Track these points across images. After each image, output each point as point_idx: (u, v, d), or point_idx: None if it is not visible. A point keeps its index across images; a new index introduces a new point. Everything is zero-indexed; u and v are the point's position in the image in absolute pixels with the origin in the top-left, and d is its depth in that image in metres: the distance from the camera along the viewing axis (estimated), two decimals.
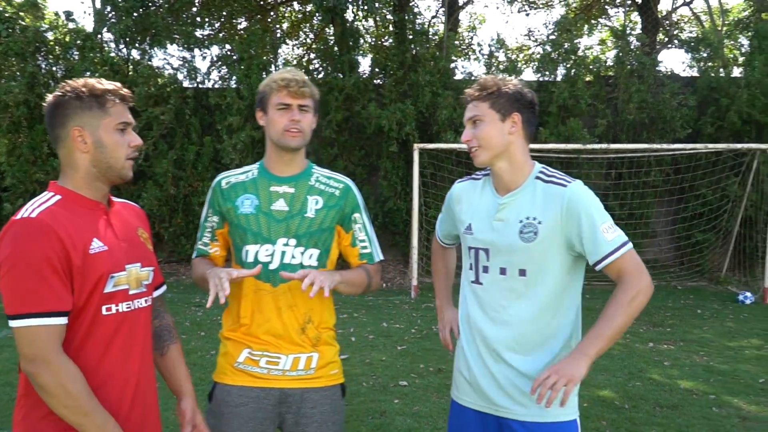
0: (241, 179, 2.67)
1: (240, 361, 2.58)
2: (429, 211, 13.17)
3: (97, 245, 2.07)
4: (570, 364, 2.33)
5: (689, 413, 5.62)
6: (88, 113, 2.10)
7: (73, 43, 14.19)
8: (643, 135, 13.47)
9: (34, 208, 2.04)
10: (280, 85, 2.54)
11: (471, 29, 22.48)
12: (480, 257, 2.54)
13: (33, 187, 13.53)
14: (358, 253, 2.74)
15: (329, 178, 2.72)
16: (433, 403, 5.83)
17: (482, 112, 2.45)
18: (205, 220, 2.70)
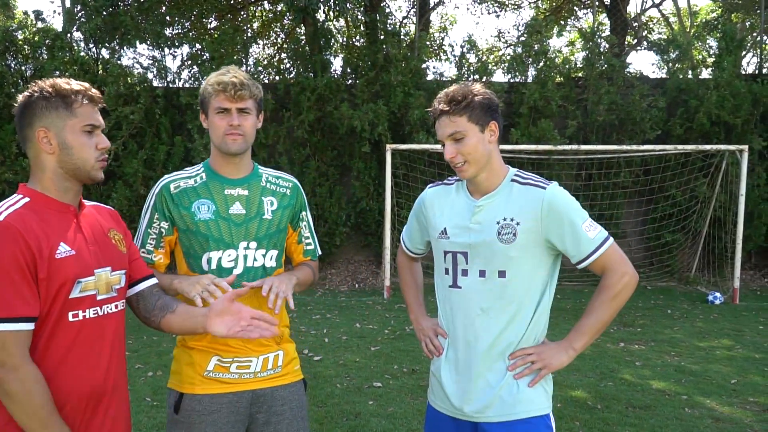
0: (190, 184, 2.58)
1: (210, 369, 2.54)
2: (401, 211, 13.18)
3: (64, 249, 2.04)
4: (555, 351, 2.45)
5: (662, 414, 5.68)
6: (54, 113, 2.07)
7: (43, 42, 13.99)
8: (613, 136, 13.60)
9: (1, 211, 2.01)
10: (216, 89, 2.50)
11: (442, 30, 22.57)
12: (458, 261, 2.54)
13: (2, 188, 13.33)
14: (303, 249, 2.80)
15: (278, 178, 2.73)
16: (407, 404, 5.82)
17: (462, 126, 2.43)
18: (149, 226, 2.57)
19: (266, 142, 13.64)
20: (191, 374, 2.55)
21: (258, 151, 13.62)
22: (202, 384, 2.53)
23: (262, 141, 13.55)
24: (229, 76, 2.49)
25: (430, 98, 13.43)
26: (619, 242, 13.43)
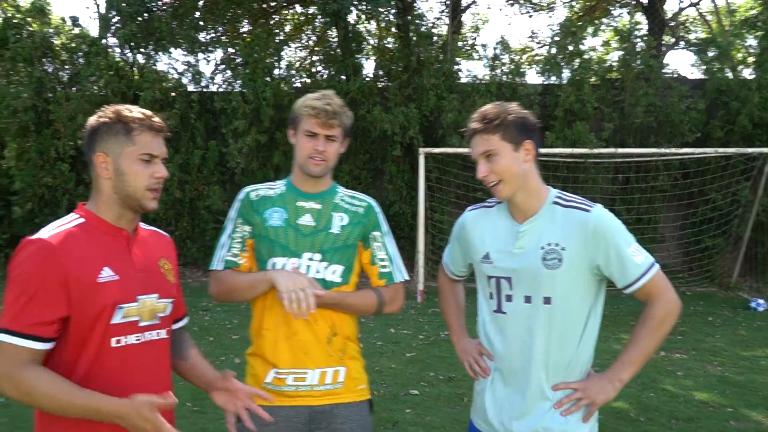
0: (269, 194, 2.70)
1: (268, 381, 2.58)
2: (434, 215, 13.12)
3: (108, 274, 2.03)
4: (600, 385, 2.37)
5: (706, 426, 5.54)
6: (113, 139, 2.09)
7: (79, 48, 14.23)
8: (651, 139, 13.39)
9: (53, 229, 2.04)
10: (309, 113, 2.58)
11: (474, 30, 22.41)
12: (502, 286, 2.48)
13: (41, 191, 13.60)
14: (377, 272, 2.74)
15: (353, 197, 2.77)
16: (445, 414, 5.76)
17: (495, 145, 2.38)
18: (234, 231, 2.68)
19: None
20: (252, 385, 2.58)
21: (291, 155, 13.60)
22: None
23: None
24: (323, 102, 2.58)
25: (464, 101, 13.38)
26: (658, 247, 13.35)
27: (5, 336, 1.91)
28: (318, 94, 2.65)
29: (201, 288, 12.65)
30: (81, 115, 13.36)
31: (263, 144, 13.69)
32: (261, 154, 13.79)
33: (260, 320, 2.61)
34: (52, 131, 13.76)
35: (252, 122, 13.59)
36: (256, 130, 13.52)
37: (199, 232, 13.95)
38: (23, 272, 1.94)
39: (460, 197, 13.26)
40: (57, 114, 13.60)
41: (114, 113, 2.10)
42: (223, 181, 14.15)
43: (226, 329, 8.89)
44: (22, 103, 13.53)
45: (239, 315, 9.92)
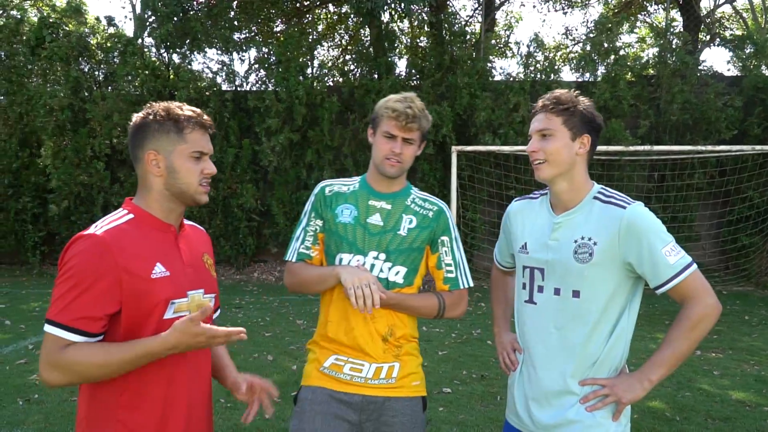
0: (343, 190, 2.75)
1: (326, 365, 2.66)
2: (467, 213, 13.09)
3: (160, 270, 2.06)
4: (628, 384, 2.35)
5: (743, 426, 5.46)
6: (165, 138, 2.11)
7: (115, 47, 14.43)
8: (687, 136, 13.22)
9: (104, 224, 2.06)
10: (390, 115, 2.60)
11: (508, 28, 22.29)
12: (535, 276, 2.49)
13: (77, 189, 13.82)
14: (442, 276, 2.76)
15: (424, 200, 2.78)
16: (478, 412, 5.75)
17: (554, 126, 2.40)
18: (308, 225, 2.75)
19: (332, 144, 13.73)
20: (310, 369, 2.70)
21: (324, 153, 13.73)
22: (318, 378, 2.66)
23: (328, 143, 13.65)
24: (404, 105, 2.59)
25: (497, 100, 13.32)
26: (693, 245, 13.19)
27: (52, 327, 1.94)
28: (400, 96, 2.65)
29: (234, 285, 12.79)
30: (116, 114, 13.58)
31: (296, 142, 13.78)
32: (294, 152, 13.88)
33: (326, 312, 2.68)
34: (88, 130, 14.00)
35: (285, 121, 13.68)
36: (289, 128, 13.61)
37: (233, 230, 14.08)
38: (76, 266, 1.96)
39: (493, 195, 13.22)
40: (93, 113, 13.84)
41: (165, 111, 2.12)
42: (256, 179, 14.26)
43: (259, 326, 8.96)
44: (58, 102, 13.79)
45: (271, 313, 10.00)
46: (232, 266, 14.41)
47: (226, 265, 14.38)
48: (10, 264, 15.10)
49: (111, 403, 2.03)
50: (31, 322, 9.11)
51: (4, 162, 14.25)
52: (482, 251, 13.55)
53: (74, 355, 1.92)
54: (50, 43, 14.04)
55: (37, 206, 14.35)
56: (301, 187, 14.03)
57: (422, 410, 2.72)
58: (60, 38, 14.25)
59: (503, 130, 13.05)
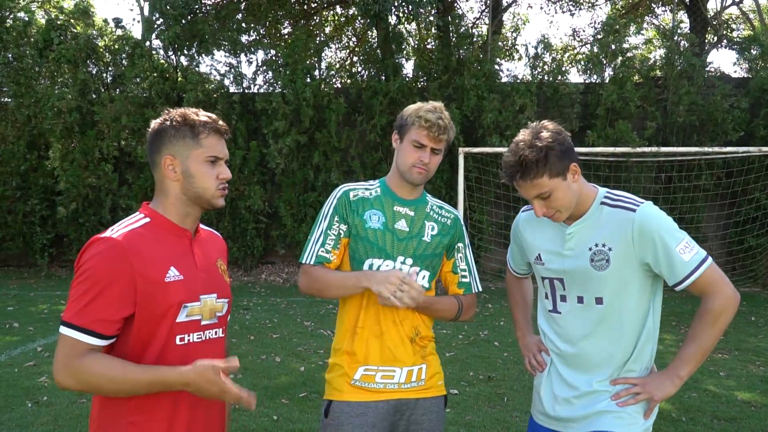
0: (366, 195, 2.75)
1: (357, 378, 2.67)
2: (474, 215, 13.12)
3: (174, 274, 2.09)
4: (659, 381, 2.38)
5: (749, 426, 5.47)
6: (181, 143, 2.14)
7: (123, 49, 14.49)
8: (694, 138, 13.22)
9: (121, 228, 2.09)
10: (422, 125, 2.62)
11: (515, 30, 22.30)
12: (556, 286, 2.53)
13: (85, 191, 13.87)
14: (457, 280, 2.85)
15: (441, 208, 2.85)
16: (485, 413, 5.77)
17: (547, 186, 2.33)
18: (329, 228, 2.71)
19: (339, 146, 13.78)
20: (340, 383, 2.69)
21: (331, 155, 13.77)
22: (350, 392, 2.67)
23: (335, 145, 13.70)
24: (436, 116, 2.61)
25: (504, 101, 13.34)
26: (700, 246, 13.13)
27: (67, 329, 1.98)
28: (430, 105, 2.68)
29: (242, 287, 12.84)
30: (125, 117, 13.65)
31: (303, 144, 13.82)
32: (301, 154, 13.93)
33: (355, 319, 2.68)
34: (96, 132, 14.06)
35: (292, 123, 13.73)
36: (297, 130, 13.66)
37: (240, 232, 14.13)
38: (92, 269, 2.00)
39: (500, 197, 13.25)
40: (101, 115, 13.90)
41: (181, 117, 2.16)
42: (264, 181, 14.31)
43: (267, 328, 9.00)
44: (66, 104, 13.85)
45: (279, 314, 10.04)
46: (239, 268, 14.47)
47: (234, 267, 14.44)
48: (19, 266, 15.18)
49: (122, 406, 2.06)
50: (39, 324, 9.15)
51: (13, 164, 14.30)
52: (490, 252, 13.58)
53: (92, 365, 1.95)
54: (58, 45, 14.12)
55: (46, 208, 14.41)
56: (309, 188, 14.07)
57: (444, 407, 2.82)
58: (68, 40, 14.32)
59: (510, 132, 13.08)
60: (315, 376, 6.69)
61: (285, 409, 5.80)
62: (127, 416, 2.06)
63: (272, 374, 6.81)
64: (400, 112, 2.79)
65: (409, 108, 2.72)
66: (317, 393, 6.10)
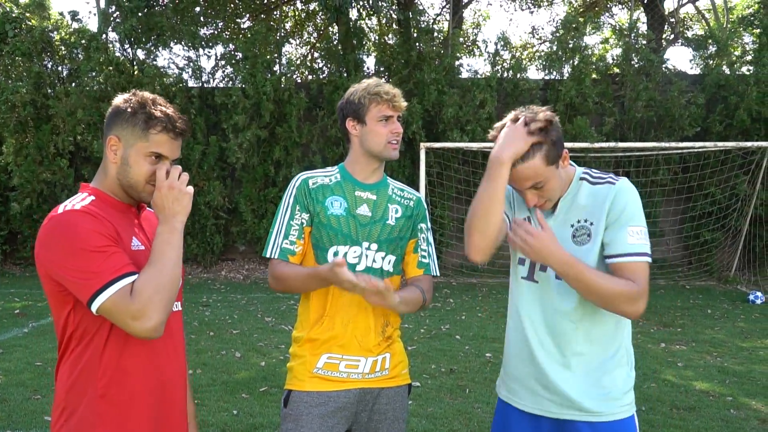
0: (326, 182, 2.70)
1: (319, 366, 2.61)
2: (435, 210, 13.13)
3: (136, 244, 2.08)
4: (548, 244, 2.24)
5: (707, 415, 5.56)
6: (130, 130, 2.08)
7: (79, 43, 14.19)
8: (651, 133, 13.43)
9: (73, 204, 2.02)
10: (384, 98, 2.60)
11: (475, 26, 22.43)
12: None
13: (40, 187, 13.58)
14: (417, 260, 2.79)
15: (402, 190, 2.83)
16: (447, 404, 5.77)
17: (543, 174, 2.30)
18: (291, 218, 2.64)
19: (300, 141, 13.69)
20: (301, 371, 2.63)
21: (292, 150, 13.67)
22: (311, 381, 2.61)
23: (296, 140, 13.61)
24: (387, 86, 2.63)
25: (464, 96, 13.38)
26: (657, 241, 13.39)
27: (112, 288, 1.89)
28: (373, 80, 2.67)
29: (201, 284, 12.67)
30: (80, 111, 13.38)
31: (264, 139, 13.70)
32: (261, 149, 13.81)
33: (322, 308, 2.62)
34: (51, 127, 13.76)
35: (252, 117, 13.60)
36: (257, 125, 13.53)
37: (200, 228, 13.95)
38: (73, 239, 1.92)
39: (461, 192, 13.29)
40: (56, 109, 13.60)
41: (140, 104, 2.08)
42: (224, 176, 14.16)
43: (227, 324, 8.89)
44: (20, 98, 13.55)
45: (239, 310, 9.93)
46: (199, 264, 14.28)
47: (194, 264, 14.25)
48: None
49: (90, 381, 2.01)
50: None
51: None
52: (451, 248, 13.60)
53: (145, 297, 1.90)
54: (12, 38, 13.75)
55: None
56: (269, 184, 13.95)
57: (407, 396, 2.79)
58: (23, 33, 13.95)
59: (470, 127, 13.13)
60: (276, 371, 6.62)
61: (245, 403, 5.73)
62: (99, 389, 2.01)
63: (232, 369, 6.72)
64: (341, 102, 2.71)
65: (353, 92, 2.66)
66: (278, 387, 6.03)
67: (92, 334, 2.01)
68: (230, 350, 7.45)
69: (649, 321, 9.26)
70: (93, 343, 2.01)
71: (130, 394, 2.04)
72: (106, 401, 2.02)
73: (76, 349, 2.03)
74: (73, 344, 2.04)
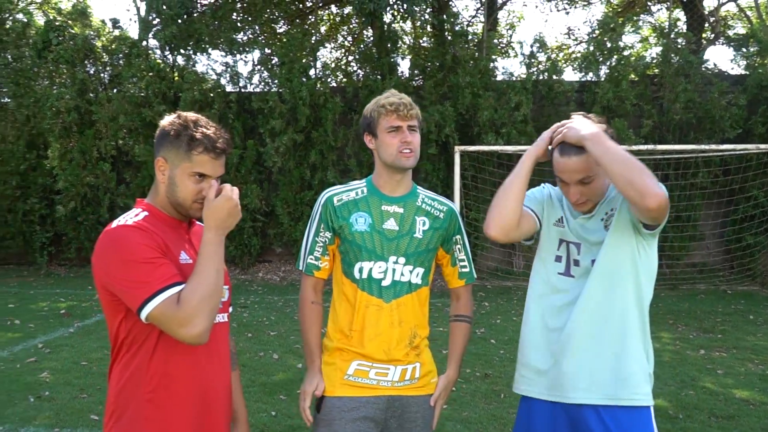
0: (351, 197, 2.75)
1: (350, 373, 2.67)
2: (470, 213, 13.10)
3: (185, 258, 2.18)
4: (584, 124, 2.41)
5: (746, 424, 5.47)
6: (174, 151, 2.17)
7: (120, 50, 14.49)
8: (691, 135, 13.21)
9: (126, 219, 2.14)
10: (389, 109, 2.64)
11: (510, 27, 22.31)
12: (571, 251, 2.57)
13: (84, 190, 13.90)
14: (457, 272, 2.87)
15: (434, 200, 2.83)
16: (482, 410, 5.77)
17: (594, 170, 2.41)
18: (316, 235, 2.74)
19: (335, 145, 13.77)
20: (332, 378, 2.69)
21: (327, 154, 13.76)
22: (342, 387, 2.67)
23: (331, 144, 13.69)
24: (396, 97, 2.66)
25: (499, 99, 13.32)
26: (697, 244, 13.21)
27: (159, 297, 1.98)
28: (386, 93, 2.73)
29: (239, 285, 12.83)
30: (122, 116, 13.67)
31: (300, 143, 13.81)
32: (297, 153, 13.92)
33: (349, 321, 2.68)
34: (94, 131, 14.07)
35: (289, 122, 13.72)
36: (293, 129, 13.64)
37: (237, 231, 14.08)
38: (124, 252, 2.03)
39: None
40: (99, 115, 13.92)
41: (183, 126, 2.18)
42: (261, 180, 14.31)
43: (264, 326, 9.00)
44: (65, 104, 13.89)
45: (276, 312, 10.04)
46: (236, 266, 14.45)
47: (231, 266, 14.42)
48: (18, 264, 15.18)
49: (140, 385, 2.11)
50: (39, 321, 9.18)
51: (12, 164, 14.34)
52: (486, 251, 13.57)
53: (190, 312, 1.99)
54: (56, 46, 14.13)
55: (45, 207, 14.45)
56: (305, 187, 14.06)
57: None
58: (66, 41, 14.33)
59: (506, 130, 13.07)
60: None
61: (283, 404, 5.80)
62: (146, 393, 2.11)
63: (270, 371, 6.81)
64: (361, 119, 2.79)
65: (366, 108, 2.73)
66: None
67: (141, 342, 2.11)
68: (268, 352, 7.55)
69: (688, 327, 9.14)
70: (142, 350, 2.11)
71: (174, 399, 2.13)
72: (153, 405, 2.11)
73: (126, 355, 2.14)
74: (123, 350, 2.14)
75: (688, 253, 13.35)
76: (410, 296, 2.69)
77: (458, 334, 2.87)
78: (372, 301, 2.65)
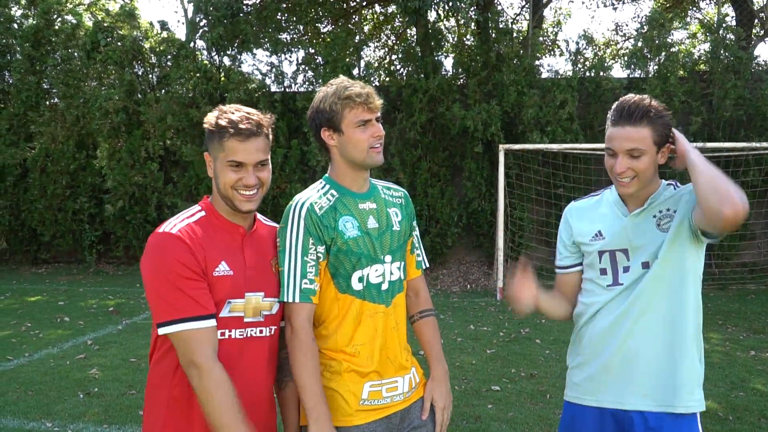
0: (327, 202, 2.41)
1: (365, 398, 2.43)
2: (514, 212, 13.04)
3: (223, 269, 2.14)
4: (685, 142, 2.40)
5: None
6: (212, 144, 2.20)
7: (168, 51, 14.74)
8: (741, 133, 12.94)
9: (176, 222, 2.15)
10: (356, 101, 2.36)
11: (556, 25, 22.07)
12: (618, 259, 2.52)
13: (132, 190, 14.18)
14: (415, 261, 2.70)
15: (389, 188, 2.66)
16: (528, 410, 5.76)
17: (646, 145, 2.36)
18: (305, 254, 2.32)
19: None
20: (347, 406, 2.41)
21: None
22: (358, 415, 2.42)
23: None
24: (359, 87, 2.38)
25: (545, 97, 13.21)
26: (748, 244, 12.93)
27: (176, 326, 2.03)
28: (339, 83, 2.42)
29: None
30: (170, 116, 13.90)
31: None
32: None
33: (350, 338, 2.40)
34: (142, 132, 14.37)
35: None
36: None
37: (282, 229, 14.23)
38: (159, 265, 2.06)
39: (540, 194, 13.15)
40: (147, 115, 14.20)
41: (215, 117, 2.18)
42: (305, 179, 14.41)
43: None
44: (113, 105, 14.20)
45: None
46: None
47: None
48: (68, 262, 15.58)
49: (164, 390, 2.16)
50: (88, 318, 9.40)
51: (62, 164, 14.71)
52: (530, 250, 13.47)
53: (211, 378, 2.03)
54: (105, 47, 14.46)
55: (94, 206, 14.82)
56: None
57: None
58: (114, 42, 14.66)
59: (551, 128, 12.97)
60: None
61: None
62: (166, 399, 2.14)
63: None
64: (310, 112, 2.50)
65: (323, 98, 2.43)
66: None
67: (171, 344, 2.12)
68: None
69: (738, 327, 8.97)
70: (172, 352, 2.12)
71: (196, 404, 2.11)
72: (177, 405, 2.13)
73: (157, 355, 2.18)
74: (157, 350, 2.19)
75: (738, 252, 13.09)
76: (401, 294, 2.56)
77: (431, 330, 2.69)
78: (378, 309, 2.43)
